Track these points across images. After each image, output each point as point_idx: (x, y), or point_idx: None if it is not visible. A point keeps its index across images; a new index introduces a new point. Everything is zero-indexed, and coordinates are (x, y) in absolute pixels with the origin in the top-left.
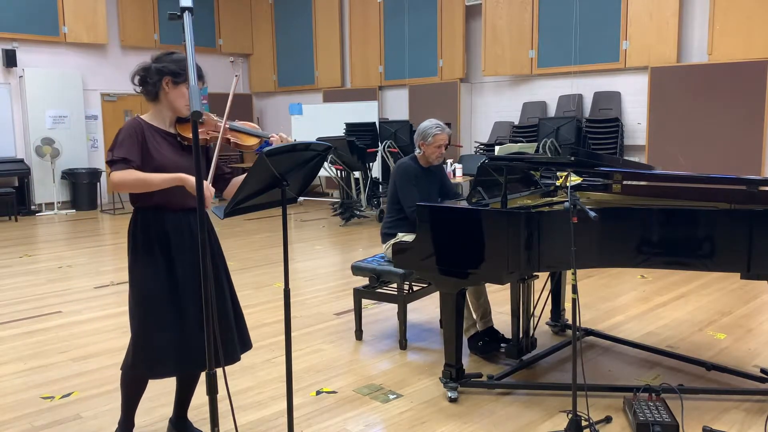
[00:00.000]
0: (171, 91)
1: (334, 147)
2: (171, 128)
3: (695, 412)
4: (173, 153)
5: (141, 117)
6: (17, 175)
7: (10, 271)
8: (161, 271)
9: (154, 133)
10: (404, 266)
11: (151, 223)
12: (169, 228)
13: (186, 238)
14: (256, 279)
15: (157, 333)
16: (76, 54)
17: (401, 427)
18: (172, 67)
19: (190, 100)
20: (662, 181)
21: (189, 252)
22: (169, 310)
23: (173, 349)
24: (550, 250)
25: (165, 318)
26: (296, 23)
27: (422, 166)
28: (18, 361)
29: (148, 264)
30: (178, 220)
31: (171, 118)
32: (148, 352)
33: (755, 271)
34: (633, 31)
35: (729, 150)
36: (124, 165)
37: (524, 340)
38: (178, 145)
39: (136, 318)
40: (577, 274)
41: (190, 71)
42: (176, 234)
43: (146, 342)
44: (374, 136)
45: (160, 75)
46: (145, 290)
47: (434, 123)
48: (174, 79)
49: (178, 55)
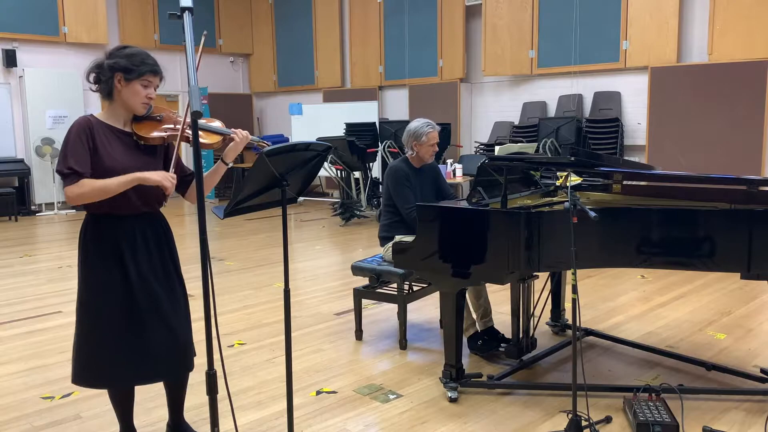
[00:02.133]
0: (124, 89)
1: (334, 147)
2: (127, 127)
3: (695, 412)
4: (126, 154)
5: (94, 115)
6: (17, 175)
7: (10, 271)
8: (114, 281)
9: (108, 133)
10: (404, 266)
11: (103, 230)
12: (121, 234)
13: (140, 243)
14: (256, 279)
15: (106, 345)
16: (76, 54)
17: (401, 427)
18: (124, 62)
19: (189, 100)
20: (662, 181)
21: (143, 258)
22: (122, 322)
23: (121, 363)
24: (550, 250)
25: (116, 330)
26: (296, 23)
27: (414, 167)
28: (18, 361)
29: (100, 273)
30: (130, 225)
31: (126, 117)
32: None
33: (755, 271)
34: (633, 31)
35: (729, 150)
36: (76, 177)
37: (524, 340)
38: (133, 145)
39: (83, 327)
40: (577, 274)
41: (190, 71)
42: (130, 240)
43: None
44: (374, 136)
45: (112, 72)
46: (97, 301)
47: (424, 122)
48: (126, 75)
49: (131, 50)
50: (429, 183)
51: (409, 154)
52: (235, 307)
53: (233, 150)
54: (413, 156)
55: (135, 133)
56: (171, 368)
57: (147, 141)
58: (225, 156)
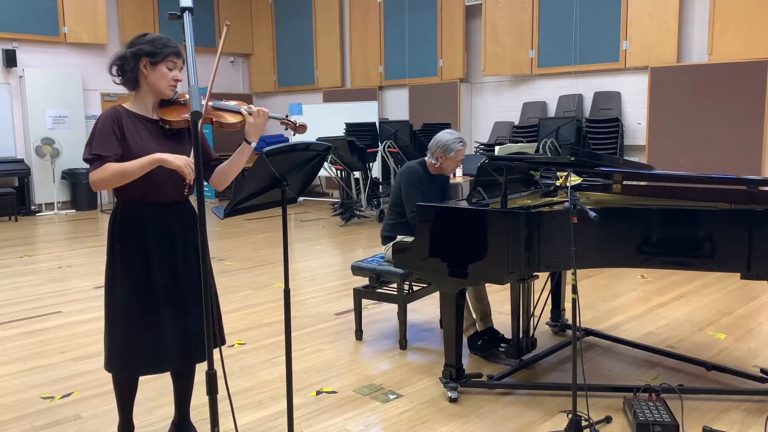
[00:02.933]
0: (150, 73)
1: (334, 147)
2: (154, 114)
3: (695, 412)
4: (153, 140)
5: (121, 105)
6: (17, 175)
7: (10, 271)
8: (138, 272)
9: (135, 121)
10: (404, 266)
11: (130, 218)
12: (148, 223)
13: (166, 234)
14: (256, 279)
15: (130, 334)
16: (76, 54)
17: (401, 427)
18: (147, 47)
19: (189, 99)
20: (662, 181)
21: (168, 249)
22: (144, 311)
23: (145, 350)
24: (550, 250)
25: (139, 318)
26: (296, 23)
27: (429, 173)
28: (18, 361)
29: (125, 262)
30: (157, 214)
31: (154, 103)
32: (122, 353)
33: (755, 271)
34: (633, 31)
35: (729, 150)
36: (100, 162)
37: (524, 340)
38: (160, 131)
39: (110, 316)
40: (577, 274)
41: (190, 71)
42: (156, 230)
43: (119, 342)
44: (374, 136)
45: (137, 58)
46: (120, 289)
47: (456, 137)
48: (151, 59)
49: (151, 35)
50: (437, 190)
51: (429, 161)
52: (235, 307)
53: (254, 128)
54: (433, 164)
55: (162, 118)
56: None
57: (172, 125)
58: (247, 135)
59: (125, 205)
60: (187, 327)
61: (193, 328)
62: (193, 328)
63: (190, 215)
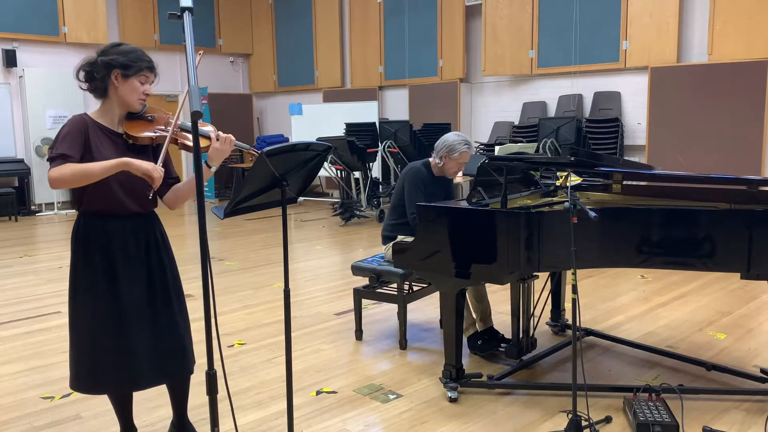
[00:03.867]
0: (121, 86)
1: (334, 147)
2: (119, 127)
3: (695, 412)
4: (116, 154)
5: (87, 114)
6: (17, 175)
7: (10, 271)
8: (102, 285)
9: (100, 133)
10: (404, 266)
11: (92, 230)
12: (111, 235)
13: (130, 245)
14: (256, 279)
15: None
16: (76, 54)
17: (401, 427)
18: (121, 59)
19: (189, 100)
20: (662, 181)
21: (133, 261)
22: (111, 328)
23: (114, 368)
24: (550, 250)
25: (105, 336)
26: (296, 23)
27: (433, 175)
28: (18, 361)
29: (90, 277)
30: (121, 226)
31: (120, 116)
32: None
33: (755, 271)
34: (633, 31)
35: (729, 150)
36: (62, 161)
37: (524, 340)
38: (123, 145)
39: (75, 332)
40: (577, 274)
41: (190, 72)
42: (119, 242)
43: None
44: (374, 136)
45: (108, 69)
46: (86, 306)
47: (462, 139)
48: (124, 72)
49: (126, 47)
50: (440, 192)
51: (434, 161)
52: (235, 307)
53: (217, 153)
54: (437, 164)
55: (126, 132)
56: (162, 373)
57: (136, 141)
58: (210, 159)
59: (87, 216)
60: (160, 343)
61: (166, 343)
62: (166, 343)
63: (156, 227)
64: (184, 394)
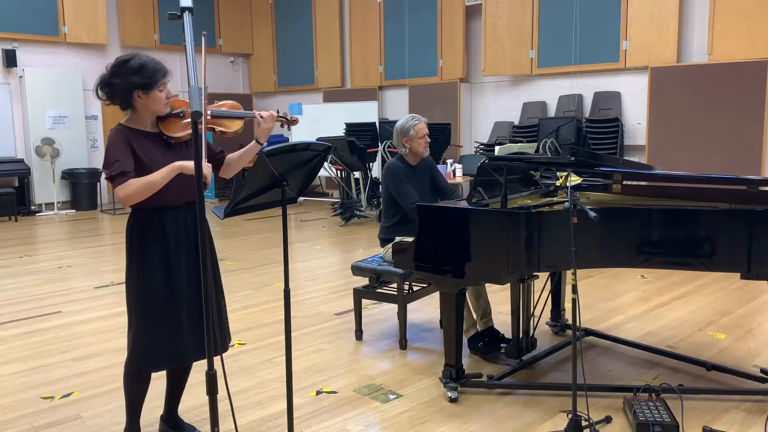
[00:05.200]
0: (145, 101)
1: (334, 147)
2: (154, 128)
3: (695, 412)
4: (160, 153)
5: (123, 124)
6: (17, 175)
7: (10, 271)
8: (159, 272)
9: (139, 137)
10: (404, 266)
11: (148, 223)
12: (167, 226)
13: (182, 234)
14: (256, 279)
15: (154, 331)
16: (76, 54)
17: (401, 427)
18: (138, 80)
19: (189, 100)
20: (662, 181)
21: (185, 248)
22: (166, 310)
23: (168, 345)
24: (550, 250)
25: (161, 317)
26: (296, 23)
27: (410, 165)
28: (18, 361)
29: (146, 264)
30: (175, 216)
31: (152, 120)
32: (147, 349)
33: (755, 271)
34: (633, 31)
35: (729, 150)
36: (123, 179)
37: (524, 340)
38: (163, 144)
39: (134, 316)
40: (577, 274)
41: (190, 72)
42: (173, 231)
43: (144, 339)
44: (374, 136)
45: (129, 90)
46: (143, 290)
47: (408, 117)
48: (144, 90)
49: (135, 62)
50: (425, 179)
51: (403, 152)
52: (235, 307)
53: (262, 132)
54: (407, 153)
55: (163, 132)
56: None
57: (177, 140)
58: (258, 137)
59: (141, 210)
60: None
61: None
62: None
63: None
64: (182, 385)
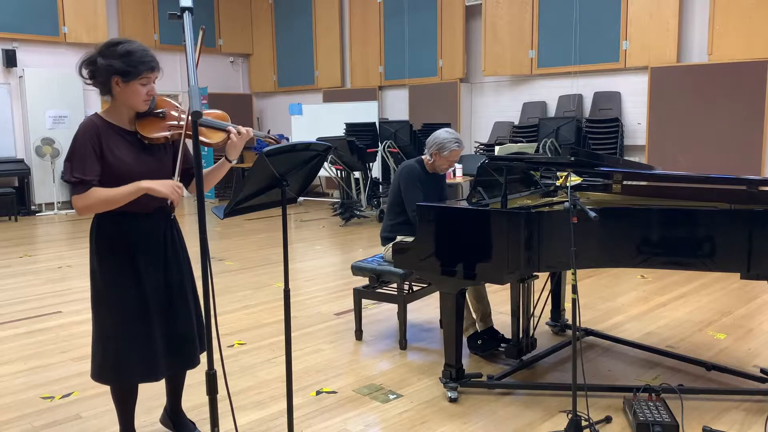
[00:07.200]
0: (123, 90)
1: (334, 147)
2: (131, 126)
3: (695, 412)
4: (133, 154)
5: (99, 114)
6: (17, 175)
7: (10, 271)
8: (128, 280)
9: (112, 133)
10: (404, 266)
11: (113, 230)
12: (133, 233)
13: (151, 241)
14: (256, 279)
15: (123, 344)
16: (76, 54)
17: (401, 427)
18: (119, 65)
19: (189, 100)
20: (662, 181)
21: (154, 256)
22: (136, 321)
23: (139, 359)
24: (550, 250)
25: (132, 329)
26: (296, 23)
27: (426, 172)
28: (18, 361)
29: (113, 275)
30: (141, 223)
31: (129, 114)
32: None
33: (755, 271)
34: (633, 31)
35: (729, 150)
36: (83, 187)
37: (524, 340)
38: (138, 144)
39: (98, 326)
40: (577, 274)
41: (190, 72)
42: (141, 238)
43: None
44: (374, 136)
45: (108, 74)
46: (112, 300)
47: (453, 137)
48: (123, 78)
49: (124, 47)
50: (435, 188)
51: (426, 159)
52: (235, 307)
53: (233, 148)
54: (428, 161)
55: (139, 132)
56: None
57: (151, 141)
58: (227, 153)
59: (106, 217)
60: (175, 333)
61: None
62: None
63: (173, 223)
64: (180, 385)
